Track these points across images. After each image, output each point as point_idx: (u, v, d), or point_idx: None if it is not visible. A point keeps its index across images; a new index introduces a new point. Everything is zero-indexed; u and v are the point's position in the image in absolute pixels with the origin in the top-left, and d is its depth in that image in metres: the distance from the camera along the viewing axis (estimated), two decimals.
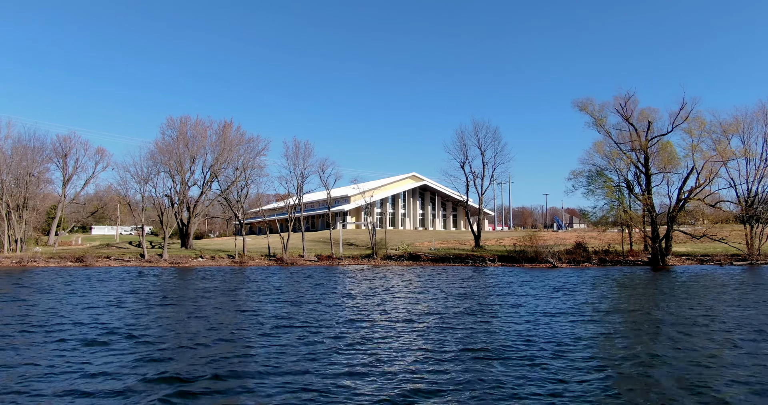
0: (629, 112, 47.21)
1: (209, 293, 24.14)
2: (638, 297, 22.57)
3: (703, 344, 12.31)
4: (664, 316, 16.58)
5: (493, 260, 48.77)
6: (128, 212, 71.61)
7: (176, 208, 60.07)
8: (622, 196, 48.60)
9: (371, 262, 51.00)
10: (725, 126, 47.15)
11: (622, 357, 11.14)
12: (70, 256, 49.93)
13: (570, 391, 8.65)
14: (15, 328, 14.74)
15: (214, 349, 11.94)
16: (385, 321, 16.03)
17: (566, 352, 11.52)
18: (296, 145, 58.57)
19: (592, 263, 46.26)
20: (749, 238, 46.49)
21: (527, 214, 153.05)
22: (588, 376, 9.61)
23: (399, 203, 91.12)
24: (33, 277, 33.61)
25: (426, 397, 8.41)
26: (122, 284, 28.95)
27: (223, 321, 15.99)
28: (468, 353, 11.43)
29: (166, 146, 60.15)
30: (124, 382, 9.17)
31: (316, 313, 17.59)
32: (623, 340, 12.98)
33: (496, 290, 25.31)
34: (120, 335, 13.59)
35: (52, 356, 11.18)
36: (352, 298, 22.29)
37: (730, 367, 10.14)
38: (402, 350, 11.83)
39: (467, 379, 9.33)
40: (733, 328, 14.28)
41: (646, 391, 8.75)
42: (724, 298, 21.22)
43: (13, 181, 56.43)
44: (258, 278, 33.62)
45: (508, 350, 11.67)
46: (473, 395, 8.46)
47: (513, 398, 8.33)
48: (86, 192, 77.99)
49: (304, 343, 12.58)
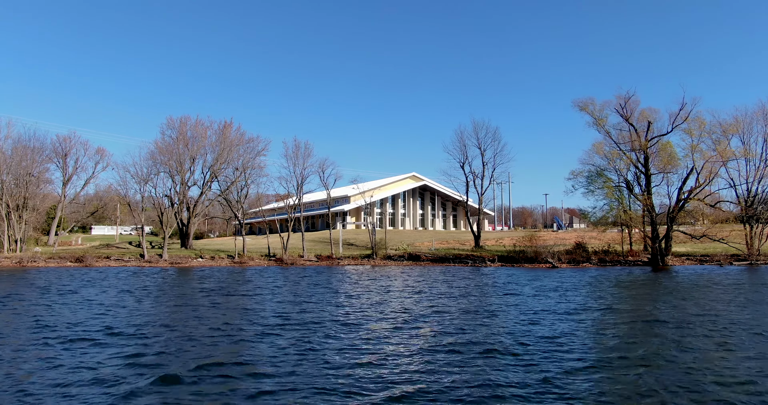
0: (629, 112, 47.21)
1: (209, 293, 24.15)
2: (637, 297, 22.58)
3: (698, 344, 12.32)
4: (661, 317, 16.58)
5: (493, 260, 48.77)
6: (128, 212, 71.58)
7: (176, 208, 60.08)
8: (622, 196, 48.60)
9: (371, 262, 51.00)
10: (725, 126, 47.16)
11: (619, 357, 11.15)
12: (70, 257, 49.93)
13: (563, 390, 8.66)
14: (15, 327, 14.75)
15: (214, 348, 11.94)
16: (384, 321, 16.04)
17: (562, 351, 11.53)
18: (296, 145, 58.68)
19: (591, 263, 46.26)
20: (749, 239, 46.51)
21: (527, 214, 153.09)
22: (582, 375, 9.63)
23: (399, 203, 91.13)
24: (33, 277, 33.61)
25: (424, 396, 8.42)
26: (122, 284, 28.95)
27: (222, 320, 15.99)
28: (468, 353, 11.45)
29: (166, 146, 60.18)
30: (120, 381, 9.18)
31: (315, 313, 17.59)
32: (622, 340, 12.99)
33: (495, 290, 25.31)
34: (118, 334, 13.60)
35: (51, 355, 11.20)
36: (351, 298, 22.30)
37: (723, 367, 10.16)
38: (401, 350, 11.83)
39: (465, 379, 9.35)
40: (729, 329, 14.28)
41: (639, 391, 8.75)
42: (723, 298, 21.22)
43: (13, 181, 56.43)
44: (257, 278, 33.62)
45: (507, 350, 11.68)
46: (472, 393, 8.48)
47: (511, 397, 8.35)
48: (86, 192, 78.14)
49: (304, 342, 12.59)
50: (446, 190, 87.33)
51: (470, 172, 61.57)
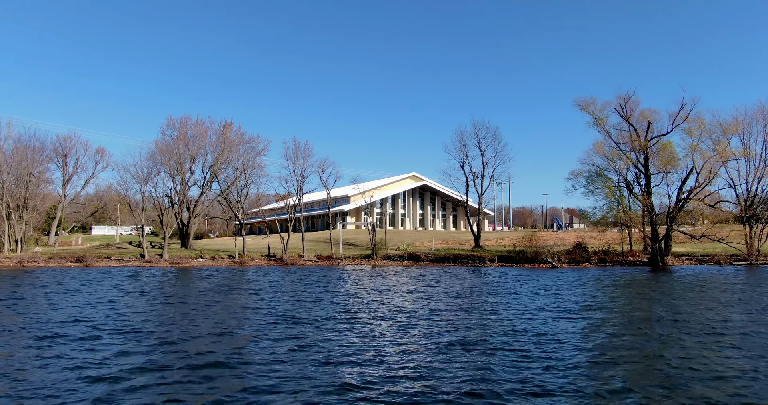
0: (629, 113, 47.27)
1: (208, 292, 24.20)
2: (633, 296, 22.62)
3: (685, 343, 12.39)
4: (658, 316, 16.64)
5: (493, 260, 48.82)
6: (128, 212, 71.73)
7: (176, 208, 60.14)
8: (622, 197, 48.67)
9: (371, 262, 51.06)
10: (725, 126, 47.19)
11: (615, 357, 11.22)
12: (71, 257, 49.99)
13: (558, 389, 8.73)
14: (16, 326, 14.81)
15: (214, 346, 11.99)
16: (382, 320, 16.10)
17: (558, 350, 11.60)
18: (296, 145, 58.74)
19: (591, 263, 46.31)
20: (748, 238, 46.57)
21: (527, 214, 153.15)
22: (569, 371, 9.70)
23: (399, 203, 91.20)
24: (34, 277, 33.66)
25: (422, 394, 8.48)
26: (122, 284, 29.01)
27: (222, 319, 16.04)
28: (466, 352, 11.51)
29: (166, 146, 60.24)
30: (120, 378, 9.24)
31: (314, 313, 17.65)
32: (619, 340, 13.06)
33: (494, 290, 25.36)
34: (119, 332, 13.65)
35: (53, 354, 11.26)
36: (350, 297, 22.35)
37: (704, 365, 10.24)
38: (399, 349, 11.89)
39: (461, 375, 9.41)
40: (717, 329, 14.34)
41: (633, 390, 8.82)
42: (721, 298, 21.27)
43: (13, 181, 56.52)
44: (257, 278, 33.67)
45: (505, 349, 11.75)
46: (469, 392, 8.55)
47: (505, 393, 8.42)
48: (86, 192, 78.25)
49: (303, 342, 12.64)
50: (446, 190, 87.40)
51: (470, 172, 61.76)
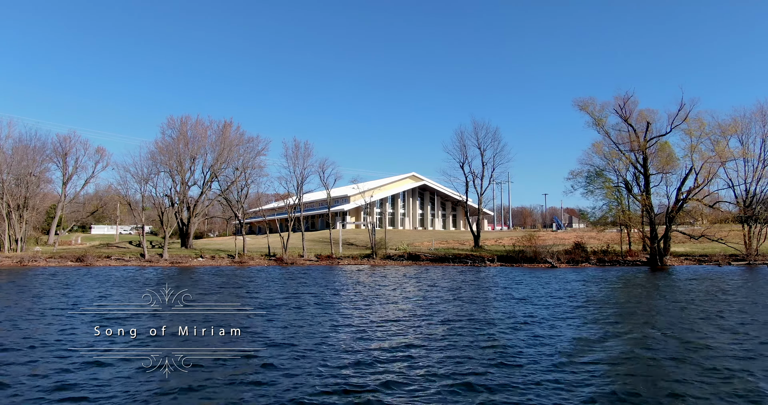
0: (628, 113, 47.37)
1: (209, 291, 24.28)
2: (630, 296, 22.71)
3: (690, 342, 12.48)
4: (648, 315, 16.74)
5: (493, 260, 48.92)
6: (128, 212, 71.77)
7: (176, 208, 60.19)
8: (621, 197, 48.80)
9: (371, 262, 51.15)
10: (724, 127, 47.25)
11: (613, 356, 11.32)
12: (71, 256, 50.06)
13: (554, 388, 8.82)
14: (16, 327, 14.89)
15: (213, 345, 12.08)
16: (381, 319, 16.19)
17: (556, 349, 11.70)
18: (296, 145, 58.80)
19: (590, 263, 46.41)
20: (747, 239, 46.68)
21: (527, 214, 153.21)
22: (572, 373, 9.79)
23: (398, 203, 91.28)
24: (34, 278, 33.73)
25: (420, 392, 8.57)
26: (123, 283, 29.08)
27: (221, 318, 16.12)
28: (466, 352, 11.60)
29: (166, 146, 60.26)
30: (120, 375, 9.34)
31: (314, 312, 17.74)
32: (619, 340, 13.15)
33: (494, 290, 25.45)
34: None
35: (54, 350, 11.34)
36: (350, 297, 22.44)
37: (710, 366, 10.35)
38: (398, 348, 11.98)
39: (457, 372, 9.51)
40: (708, 328, 14.46)
41: (628, 389, 8.92)
42: (720, 298, 21.37)
43: (13, 180, 56.55)
44: (257, 278, 33.75)
45: (505, 349, 11.85)
46: (468, 390, 8.64)
47: (496, 387, 8.51)
48: (86, 191, 78.33)
49: (303, 342, 12.74)
50: (446, 190, 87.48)
51: (470, 172, 61.87)
